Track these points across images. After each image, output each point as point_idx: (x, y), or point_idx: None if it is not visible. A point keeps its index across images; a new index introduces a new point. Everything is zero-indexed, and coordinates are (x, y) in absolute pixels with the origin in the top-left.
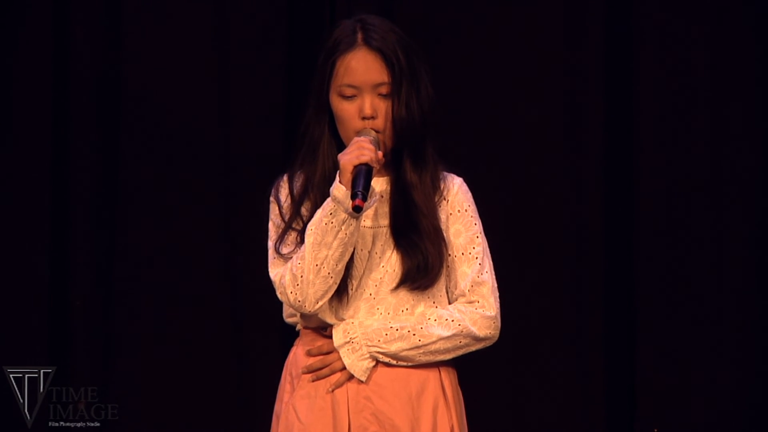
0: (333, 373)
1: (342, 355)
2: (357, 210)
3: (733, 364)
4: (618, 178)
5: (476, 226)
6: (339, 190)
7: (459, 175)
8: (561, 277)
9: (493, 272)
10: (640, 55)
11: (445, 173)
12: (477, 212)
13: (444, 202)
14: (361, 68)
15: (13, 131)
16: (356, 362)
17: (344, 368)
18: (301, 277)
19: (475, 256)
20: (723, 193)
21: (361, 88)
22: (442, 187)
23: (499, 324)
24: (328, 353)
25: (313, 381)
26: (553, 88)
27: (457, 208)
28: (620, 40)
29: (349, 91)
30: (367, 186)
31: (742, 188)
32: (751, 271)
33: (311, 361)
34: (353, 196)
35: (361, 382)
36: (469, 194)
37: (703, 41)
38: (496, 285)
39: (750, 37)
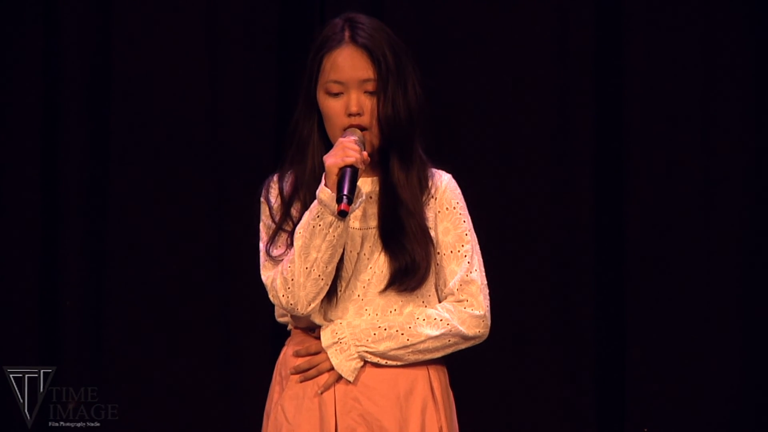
0: (320, 373)
1: (330, 355)
2: (342, 215)
3: (723, 363)
4: (608, 178)
5: (465, 224)
6: (324, 193)
7: (448, 171)
8: (551, 277)
9: (482, 270)
10: (629, 53)
11: (434, 170)
12: (466, 209)
13: (432, 200)
14: (347, 64)
15: (2, 128)
16: (344, 362)
17: (332, 369)
18: (292, 280)
19: (464, 254)
20: (713, 193)
21: (348, 85)
22: (430, 185)
23: (488, 323)
24: (315, 354)
25: (300, 382)
26: (544, 86)
27: (446, 205)
28: (610, 37)
29: (335, 88)
30: (353, 189)
31: (732, 188)
32: (742, 271)
33: (299, 361)
34: (338, 200)
35: (349, 383)
36: (458, 191)
37: (694, 40)
38: (485, 283)
39: (742, 35)
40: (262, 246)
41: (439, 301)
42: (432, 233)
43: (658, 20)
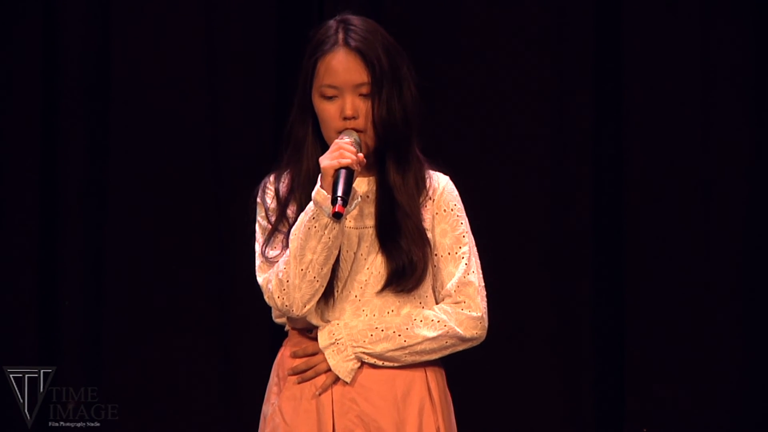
0: (318, 375)
1: (327, 356)
2: (337, 216)
3: (723, 363)
4: (608, 178)
5: (462, 226)
6: (320, 194)
7: (445, 173)
8: (550, 278)
9: (480, 272)
10: (629, 53)
11: (431, 172)
12: (464, 210)
13: (429, 202)
14: (341, 69)
15: (1, 129)
16: (341, 363)
17: (329, 370)
18: (287, 281)
19: (462, 256)
20: (713, 193)
21: (342, 89)
22: (427, 186)
23: (486, 324)
24: (313, 355)
25: (298, 383)
26: (543, 86)
27: (443, 207)
28: (610, 37)
29: (330, 92)
30: (348, 190)
31: (733, 188)
32: (743, 271)
33: (297, 362)
34: (333, 202)
35: (347, 384)
36: (456, 192)
37: (694, 40)
38: (483, 284)
39: (742, 35)
40: (257, 248)
41: (437, 303)
42: (429, 235)
43: (658, 20)
